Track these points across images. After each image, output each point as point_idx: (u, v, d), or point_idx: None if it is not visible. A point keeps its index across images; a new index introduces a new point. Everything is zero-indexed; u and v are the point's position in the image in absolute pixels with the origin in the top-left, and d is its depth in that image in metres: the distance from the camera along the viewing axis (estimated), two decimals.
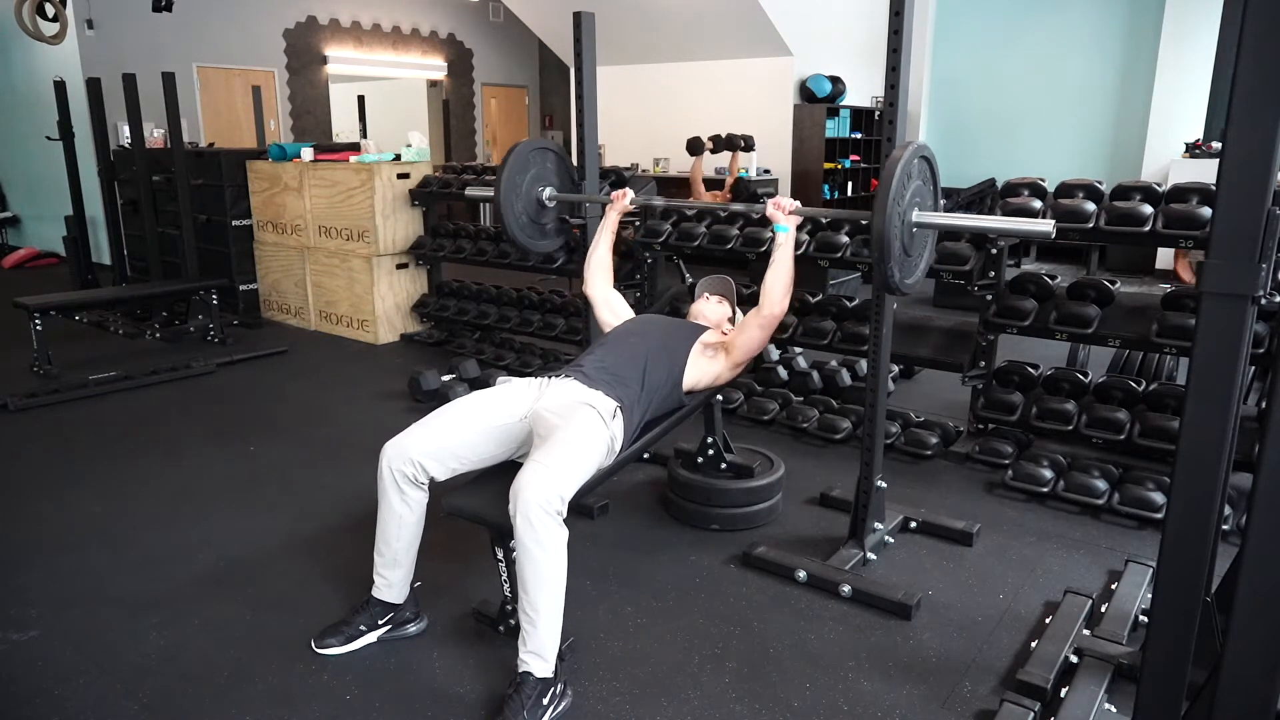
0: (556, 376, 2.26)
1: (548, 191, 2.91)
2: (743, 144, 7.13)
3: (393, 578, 2.14)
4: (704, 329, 2.55)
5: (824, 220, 3.63)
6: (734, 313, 2.74)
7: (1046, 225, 1.96)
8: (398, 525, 2.10)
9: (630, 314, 2.70)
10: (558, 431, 2.00)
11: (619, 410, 2.15)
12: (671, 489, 2.88)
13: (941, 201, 2.23)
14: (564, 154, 2.97)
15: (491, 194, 2.78)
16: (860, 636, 2.20)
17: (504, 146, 11.98)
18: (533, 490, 1.81)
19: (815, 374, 4.00)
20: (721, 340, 2.50)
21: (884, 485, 2.61)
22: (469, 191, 3.49)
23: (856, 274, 5.58)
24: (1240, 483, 2.76)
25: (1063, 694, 1.92)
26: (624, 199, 2.73)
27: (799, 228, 2.61)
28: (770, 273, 2.42)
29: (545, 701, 1.84)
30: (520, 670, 1.85)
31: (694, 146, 6.96)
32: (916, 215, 2.08)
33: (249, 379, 4.58)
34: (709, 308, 2.68)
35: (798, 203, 2.43)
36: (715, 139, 7.02)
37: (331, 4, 9.85)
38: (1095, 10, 8.44)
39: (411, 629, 2.20)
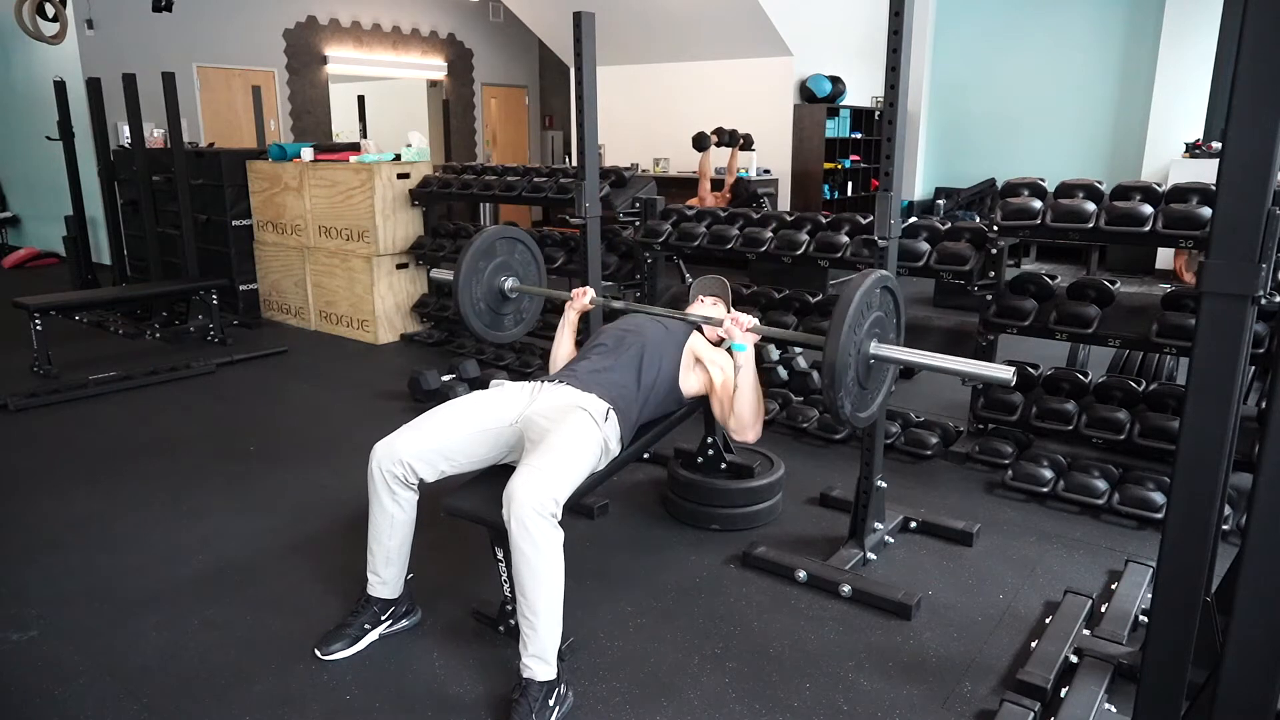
0: (549, 381, 2.25)
1: (510, 282, 2.73)
2: (741, 141, 7.19)
3: (387, 575, 2.15)
4: (694, 330, 2.54)
5: (823, 219, 3.64)
6: (729, 313, 2.71)
7: (1006, 372, 1.86)
8: (389, 525, 2.10)
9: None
10: (550, 435, 2.00)
11: (611, 412, 2.15)
12: (671, 489, 2.88)
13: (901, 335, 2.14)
14: (533, 244, 2.84)
15: (451, 277, 2.62)
16: (860, 636, 2.20)
17: (504, 146, 11.99)
18: (525, 494, 1.81)
19: (815, 374, 4.00)
20: (709, 373, 2.45)
21: (884, 485, 2.61)
22: (433, 274, 3.45)
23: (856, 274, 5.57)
24: (1240, 483, 2.76)
25: (1063, 694, 1.92)
26: (584, 297, 2.65)
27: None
28: (737, 398, 2.29)
29: (551, 703, 1.84)
30: (523, 676, 1.86)
31: (699, 142, 7.02)
32: (874, 348, 1.98)
33: (249, 379, 4.58)
34: (703, 311, 2.66)
35: (755, 320, 2.30)
36: (719, 132, 7.09)
37: (331, 4, 9.85)
38: (1095, 10, 8.44)
39: (408, 621, 2.21)
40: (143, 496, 3.06)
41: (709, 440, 2.84)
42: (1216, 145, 7.02)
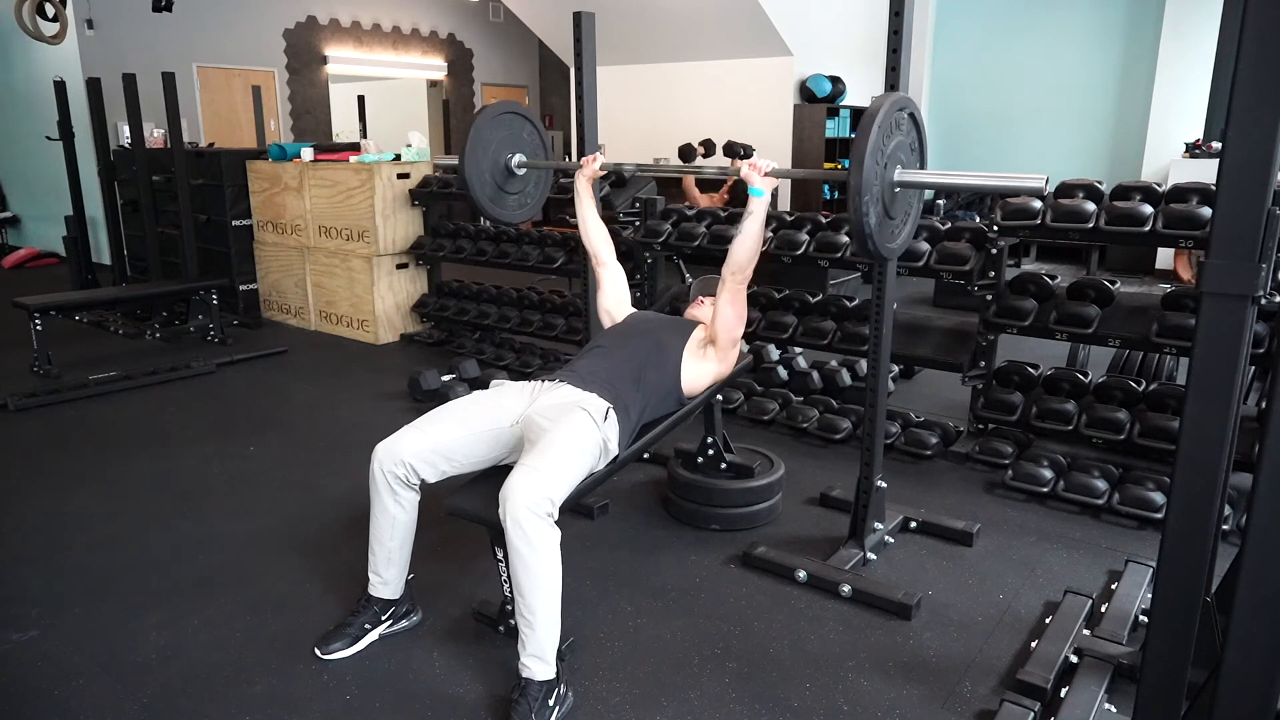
0: (549, 380, 2.25)
1: (517, 158, 2.76)
2: (741, 152, 7.20)
3: (388, 575, 2.15)
4: (696, 325, 2.55)
5: (823, 219, 3.64)
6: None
7: (1037, 181, 1.82)
8: (391, 525, 2.10)
9: (629, 309, 2.69)
10: (548, 435, 2.00)
11: (611, 411, 2.14)
12: (671, 489, 2.88)
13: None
14: (538, 120, 2.85)
15: (457, 160, 2.62)
16: (860, 636, 2.20)
17: None
18: (521, 493, 1.81)
19: (815, 374, 4.00)
20: (706, 334, 2.49)
21: (884, 485, 2.61)
22: (438, 159, 3.41)
23: (856, 274, 5.58)
24: (1240, 483, 2.76)
25: (1063, 694, 1.92)
26: (593, 163, 2.68)
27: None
28: (737, 239, 2.38)
29: (550, 703, 1.84)
30: (522, 676, 1.86)
31: (685, 154, 7.03)
32: (899, 174, 1.96)
33: (249, 379, 4.58)
34: (703, 311, 2.65)
35: (774, 163, 2.37)
36: (706, 143, 7.09)
37: (331, 4, 9.84)
38: (1095, 10, 8.44)
39: (408, 622, 2.21)
40: (143, 496, 3.06)
41: (709, 440, 2.84)
42: (1216, 145, 7.02)
